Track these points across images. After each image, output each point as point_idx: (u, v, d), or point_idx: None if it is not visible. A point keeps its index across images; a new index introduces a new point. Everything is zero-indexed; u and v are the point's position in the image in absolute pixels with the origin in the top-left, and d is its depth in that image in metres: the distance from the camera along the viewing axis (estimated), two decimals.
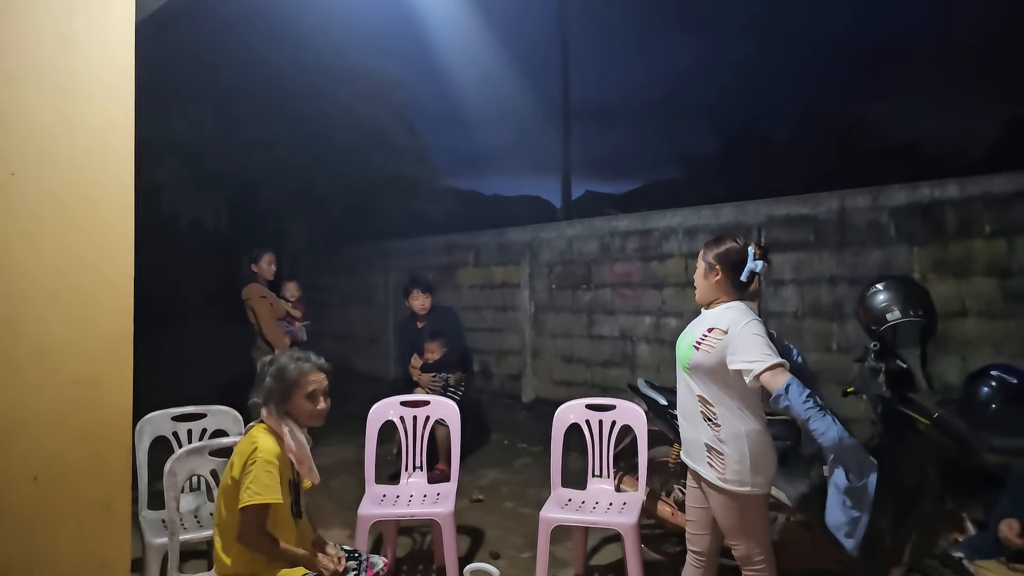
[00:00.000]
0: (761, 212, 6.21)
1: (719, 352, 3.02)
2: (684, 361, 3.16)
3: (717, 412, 3.07)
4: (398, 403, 4.59)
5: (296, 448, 2.94)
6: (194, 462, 3.37)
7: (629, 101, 52.66)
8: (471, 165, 41.45)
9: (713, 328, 3.07)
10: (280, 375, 2.96)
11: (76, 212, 2.46)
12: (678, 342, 3.28)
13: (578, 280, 7.86)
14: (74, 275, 2.46)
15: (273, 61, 9.83)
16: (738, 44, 51.34)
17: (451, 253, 9.74)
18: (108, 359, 2.53)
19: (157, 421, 4.15)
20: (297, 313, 7.12)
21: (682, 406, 3.27)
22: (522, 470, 6.85)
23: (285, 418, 2.95)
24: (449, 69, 16.63)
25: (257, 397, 2.99)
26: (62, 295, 2.43)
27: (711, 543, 3.31)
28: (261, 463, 2.79)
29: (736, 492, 3.05)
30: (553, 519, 4.01)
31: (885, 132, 21.12)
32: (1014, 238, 4.86)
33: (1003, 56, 22.20)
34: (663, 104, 45.66)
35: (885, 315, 3.67)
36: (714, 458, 3.08)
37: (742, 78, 37.42)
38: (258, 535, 2.79)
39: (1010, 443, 3.33)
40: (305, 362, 3.00)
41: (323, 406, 3.03)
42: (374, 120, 11.10)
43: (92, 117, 2.50)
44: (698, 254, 3.27)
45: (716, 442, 3.07)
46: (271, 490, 2.77)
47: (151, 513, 3.92)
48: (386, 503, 4.22)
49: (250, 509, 2.75)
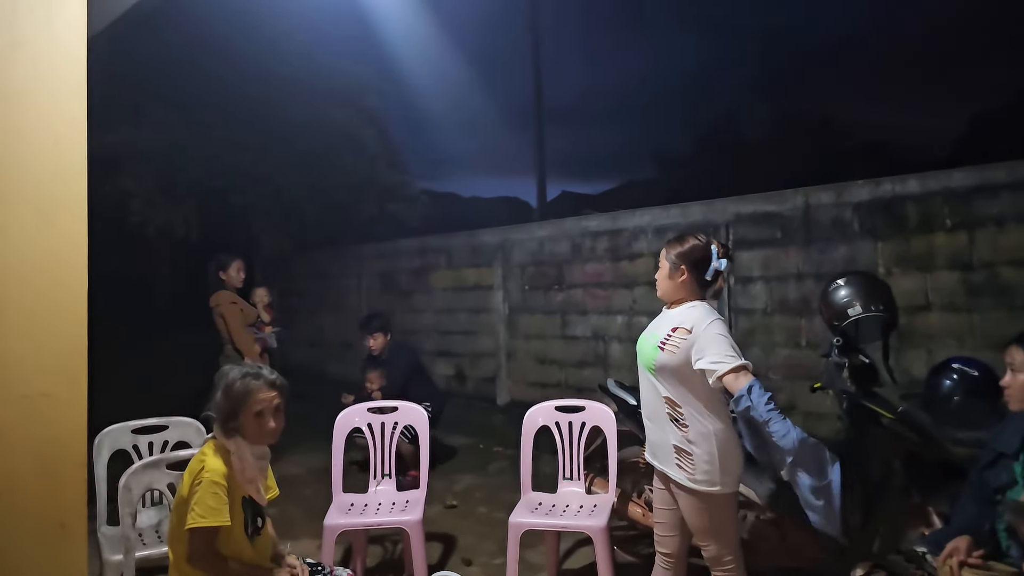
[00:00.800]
0: (729, 210, 6.23)
1: (684, 352, 2.99)
2: (649, 362, 3.12)
3: (684, 412, 3.04)
4: (365, 410, 4.55)
5: (245, 468, 2.80)
6: (151, 476, 3.29)
7: (603, 103, 52.76)
8: (448, 168, 41.41)
9: (677, 328, 3.05)
10: (227, 392, 2.80)
11: (26, 221, 2.40)
12: (640, 342, 3.24)
13: (550, 281, 7.85)
14: (24, 286, 2.40)
15: (241, 66, 9.79)
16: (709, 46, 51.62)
17: (424, 256, 9.72)
18: (61, 373, 2.46)
19: (116, 434, 4.04)
20: (267, 318, 7.07)
21: (647, 407, 3.23)
22: (497, 474, 6.81)
23: (233, 435, 2.81)
24: (421, 73, 16.58)
25: (210, 411, 2.88)
26: (11, 307, 2.36)
27: (680, 544, 3.29)
28: (207, 484, 2.68)
29: (706, 492, 3.03)
30: (522, 524, 3.97)
31: (851, 131, 21.33)
32: (974, 232, 4.92)
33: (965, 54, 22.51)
34: (637, 105, 45.73)
35: (846, 310, 3.69)
36: (683, 459, 3.05)
37: (713, 79, 37.70)
38: (205, 556, 2.70)
39: (973, 436, 3.35)
40: (254, 379, 2.82)
41: (273, 426, 2.85)
42: (344, 124, 11.06)
43: (43, 125, 2.44)
44: (670, 250, 3.18)
45: (684, 443, 3.04)
46: (216, 513, 2.67)
47: (110, 529, 3.79)
48: (353, 512, 4.17)
49: (197, 531, 2.67)
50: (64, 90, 2.50)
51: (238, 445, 2.81)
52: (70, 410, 2.49)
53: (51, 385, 2.44)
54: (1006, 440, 2.83)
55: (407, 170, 12.67)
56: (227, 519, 2.70)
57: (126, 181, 9.53)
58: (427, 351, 9.57)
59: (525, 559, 4.31)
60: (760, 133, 22.95)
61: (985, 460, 2.90)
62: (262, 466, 2.92)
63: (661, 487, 3.28)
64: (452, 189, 26.31)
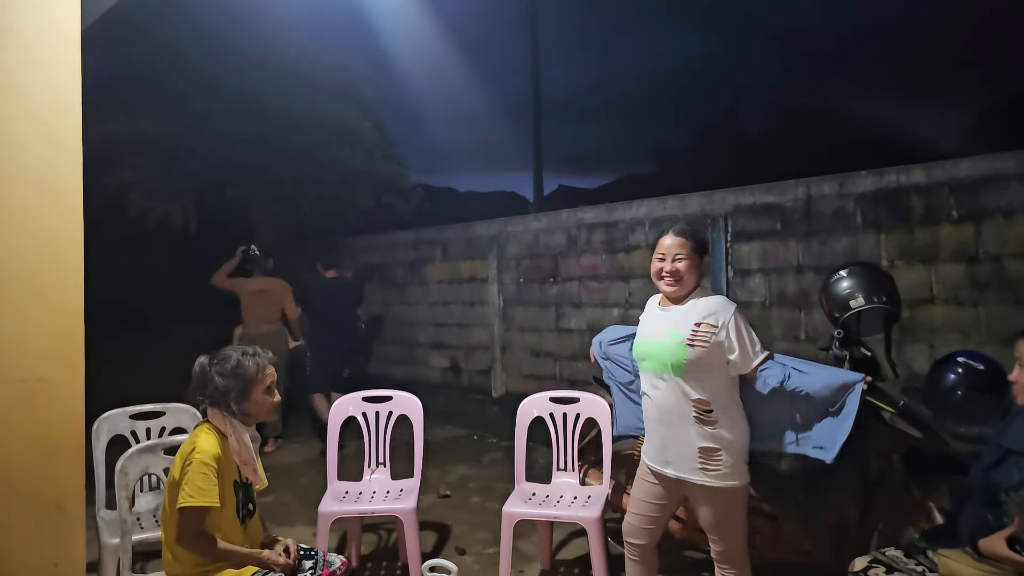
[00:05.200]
0: (727, 201, 6.21)
1: (715, 346, 2.97)
2: (676, 360, 2.99)
3: (715, 409, 2.99)
4: (359, 399, 4.56)
5: (241, 450, 2.91)
6: (147, 460, 3.32)
7: (602, 97, 52.75)
8: (445, 162, 41.38)
9: (701, 322, 3.00)
10: (238, 372, 2.91)
11: (22, 208, 2.41)
12: (650, 346, 3.14)
13: (545, 273, 7.85)
14: (20, 272, 2.41)
15: (238, 58, 9.77)
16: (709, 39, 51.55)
17: (419, 248, 9.71)
18: (58, 358, 2.48)
19: (114, 419, 4.08)
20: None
21: (661, 411, 3.11)
22: (491, 465, 6.84)
23: (231, 418, 2.91)
24: (419, 66, 16.55)
25: (200, 397, 2.94)
26: (8, 293, 2.38)
27: (654, 536, 3.30)
28: (197, 464, 2.76)
29: (732, 487, 3.01)
30: (516, 514, 3.99)
31: (855, 124, 21.29)
32: (981, 224, 4.85)
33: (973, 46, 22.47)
34: (636, 99, 45.78)
35: (848, 302, 3.63)
36: (710, 459, 2.99)
37: (713, 73, 37.64)
38: (195, 537, 2.75)
39: (975, 431, 3.31)
40: (260, 357, 2.98)
41: (278, 398, 3.05)
42: (341, 117, 11.04)
43: (37, 111, 2.45)
44: (692, 241, 3.12)
45: (714, 441, 2.99)
46: (205, 493, 2.73)
47: (109, 513, 3.82)
48: (348, 500, 4.18)
49: (187, 511, 2.73)
50: (58, 75, 2.51)
51: (235, 428, 2.90)
52: (67, 395, 2.50)
53: (48, 370, 2.46)
54: (1014, 436, 2.73)
55: (404, 163, 12.64)
56: (216, 500, 2.76)
57: (125, 172, 9.52)
58: (422, 343, 9.60)
59: (518, 549, 4.34)
60: (760, 126, 22.94)
61: (991, 458, 2.80)
62: (255, 448, 3.01)
63: (653, 482, 3.23)
64: (449, 183, 26.30)
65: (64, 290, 2.49)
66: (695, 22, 45.77)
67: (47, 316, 2.46)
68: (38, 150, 2.45)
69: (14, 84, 2.41)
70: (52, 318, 2.47)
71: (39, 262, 2.44)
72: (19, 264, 2.40)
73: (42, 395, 2.44)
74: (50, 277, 2.47)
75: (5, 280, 2.37)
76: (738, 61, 40.09)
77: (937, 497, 3.44)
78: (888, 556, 3.07)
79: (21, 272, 2.41)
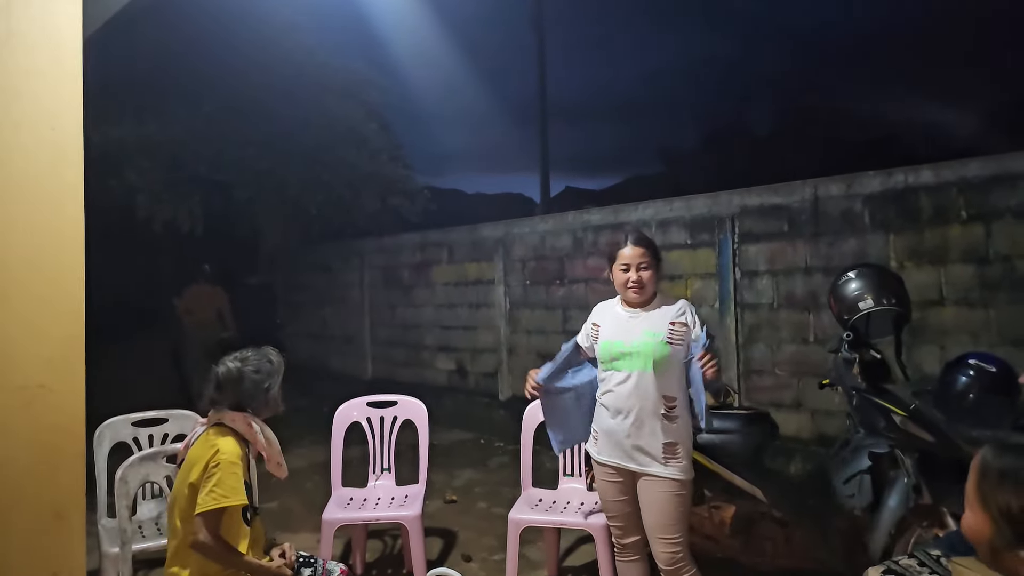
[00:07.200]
0: (734, 202, 6.17)
1: (686, 344, 3.14)
2: (658, 357, 3.12)
3: (678, 404, 3.15)
4: (364, 404, 4.53)
5: (268, 444, 2.96)
6: (148, 468, 3.29)
7: (608, 97, 52.58)
8: (452, 164, 41.44)
9: (675, 322, 3.17)
10: (264, 370, 2.97)
11: (23, 213, 2.39)
12: (629, 344, 3.19)
13: (552, 275, 7.81)
14: (21, 278, 2.39)
15: (244, 61, 9.79)
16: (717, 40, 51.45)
17: (425, 250, 9.69)
18: (59, 364, 2.46)
19: (117, 427, 4.05)
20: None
21: (631, 408, 3.17)
22: (497, 469, 6.80)
23: (252, 418, 2.94)
24: (425, 68, 16.58)
25: (230, 400, 2.93)
26: (9, 298, 2.35)
27: (639, 529, 3.30)
28: (226, 465, 2.75)
29: (688, 481, 3.16)
30: (522, 520, 3.96)
31: (864, 124, 21.16)
32: (991, 224, 4.80)
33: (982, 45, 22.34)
34: (643, 100, 45.72)
35: (858, 304, 3.57)
36: (672, 454, 3.12)
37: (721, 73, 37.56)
38: (217, 541, 2.72)
39: (988, 434, 3.26)
40: (271, 350, 3.06)
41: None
42: (347, 119, 11.05)
43: (39, 115, 2.43)
44: (650, 250, 3.26)
45: (675, 436, 3.14)
46: (237, 492, 2.74)
47: (111, 521, 3.77)
48: (352, 507, 4.15)
49: (210, 514, 2.70)
50: (60, 79, 2.49)
51: (262, 426, 2.96)
52: (68, 402, 2.48)
53: (49, 377, 2.43)
54: None
55: (410, 165, 12.65)
56: (245, 498, 2.78)
57: (132, 176, 9.54)
58: (428, 346, 9.58)
59: (525, 555, 4.29)
60: (768, 126, 22.86)
61: None
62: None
63: (616, 479, 3.27)
64: (456, 186, 26.33)
65: (65, 296, 2.47)
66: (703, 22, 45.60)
67: (48, 322, 2.43)
68: (40, 156, 2.43)
69: (16, 90, 2.39)
70: (53, 324, 2.44)
71: (40, 268, 2.42)
72: (20, 269, 2.38)
73: (43, 402, 2.42)
74: (51, 283, 2.45)
75: (6, 285, 2.35)
76: (746, 61, 39.95)
77: (950, 503, 3.39)
78: (902, 565, 3.02)
79: (22, 278, 2.39)
